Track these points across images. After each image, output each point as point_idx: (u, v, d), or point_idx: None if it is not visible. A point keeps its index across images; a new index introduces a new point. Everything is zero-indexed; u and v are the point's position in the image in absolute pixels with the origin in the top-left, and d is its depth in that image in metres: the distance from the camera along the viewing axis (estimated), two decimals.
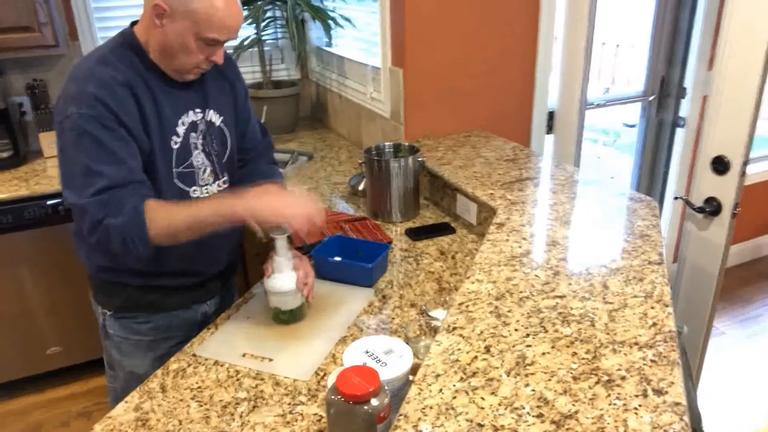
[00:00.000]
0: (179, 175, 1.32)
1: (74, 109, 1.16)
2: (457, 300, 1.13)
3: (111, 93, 1.18)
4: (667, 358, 0.94)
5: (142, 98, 1.23)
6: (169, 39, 1.21)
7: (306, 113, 3.20)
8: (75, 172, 1.19)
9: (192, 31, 1.19)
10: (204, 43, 1.22)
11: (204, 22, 1.18)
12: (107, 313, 1.44)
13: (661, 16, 2.72)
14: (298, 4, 2.59)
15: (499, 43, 2.23)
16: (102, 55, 1.24)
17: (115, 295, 1.42)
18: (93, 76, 1.19)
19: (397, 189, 1.81)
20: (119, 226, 1.17)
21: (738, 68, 1.66)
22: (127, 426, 1.05)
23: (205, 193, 1.38)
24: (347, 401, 0.87)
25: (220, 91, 1.41)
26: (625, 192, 1.67)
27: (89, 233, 1.20)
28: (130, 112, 1.21)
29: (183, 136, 1.32)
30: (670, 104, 2.87)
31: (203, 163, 1.37)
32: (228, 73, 1.45)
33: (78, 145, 1.17)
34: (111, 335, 1.46)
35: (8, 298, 2.35)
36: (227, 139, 1.44)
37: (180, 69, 1.27)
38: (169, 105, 1.29)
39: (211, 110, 1.38)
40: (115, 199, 1.17)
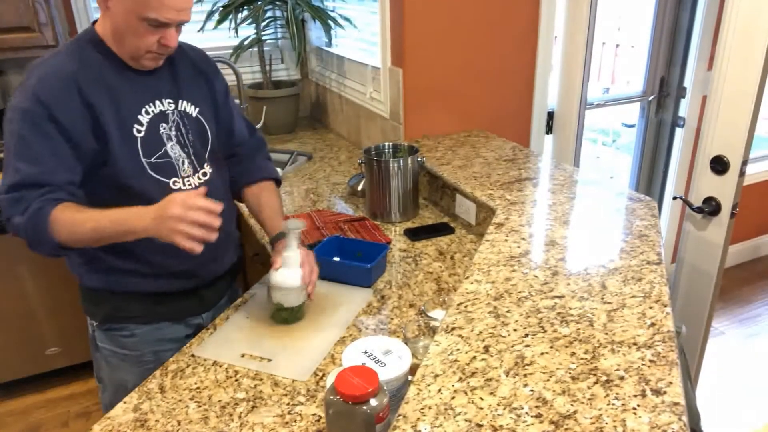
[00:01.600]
0: (153, 166, 1.29)
1: (15, 101, 1.18)
2: (456, 300, 1.13)
3: (48, 86, 1.17)
4: (666, 358, 0.94)
5: (92, 91, 1.21)
6: (116, 21, 1.20)
7: (306, 113, 3.20)
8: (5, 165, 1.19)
9: (134, 11, 1.17)
10: (149, 24, 1.18)
11: (143, 2, 1.15)
12: (95, 324, 1.41)
13: (661, 16, 2.72)
14: (298, 4, 2.59)
15: (499, 43, 2.23)
16: (57, 51, 1.25)
17: (101, 303, 1.38)
18: (37, 68, 1.20)
19: (396, 189, 1.81)
20: (22, 226, 1.16)
21: (738, 68, 1.66)
22: (126, 426, 1.05)
23: (188, 185, 1.34)
24: (346, 401, 0.87)
25: (194, 84, 1.39)
26: (624, 192, 1.67)
27: (7, 229, 1.21)
28: (69, 106, 1.18)
29: (147, 125, 1.28)
30: (670, 104, 2.87)
31: (180, 154, 1.33)
32: (204, 69, 1.42)
33: (9, 137, 1.18)
34: (100, 348, 1.42)
35: (8, 298, 2.35)
36: (207, 131, 1.40)
37: (133, 53, 1.24)
38: (131, 93, 1.26)
39: (184, 101, 1.35)
40: (23, 199, 1.16)
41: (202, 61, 1.43)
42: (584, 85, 2.39)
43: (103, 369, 1.44)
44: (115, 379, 1.42)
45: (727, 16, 1.66)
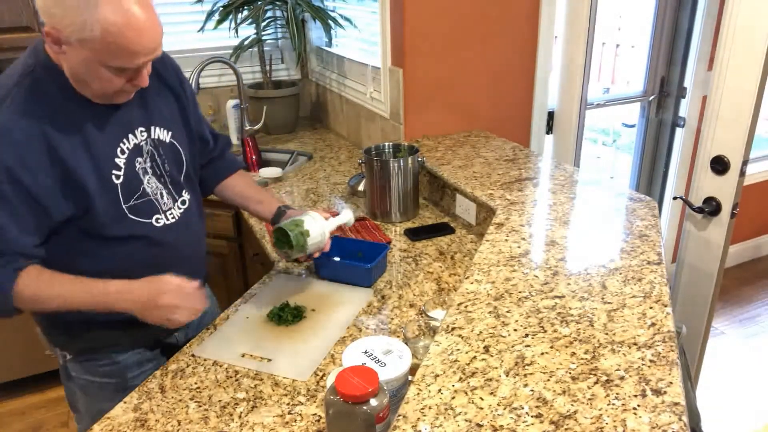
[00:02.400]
0: (133, 209, 1.19)
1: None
2: (456, 300, 1.13)
3: (8, 143, 1.02)
4: (666, 358, 0.94)
5: (61, 141, 1.07)
6: (75, 68, 1.04)
7: (306, 113, 3.20)
8: None
9: (96, 59, 1.01)
10: (115, 70, 1.04)
11: (104, 51, 1.00)
12: (69, 356, 1.31)
13: (661, 17, 2.72)
14: (299, 4, 2.59)
15: (500, 43, 2.23)
16: (8, 93, 1.06)
17: (76, 336, 1.28)
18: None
19: (396, 189, 1.81)
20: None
21: (738, 68, 1.66)
22: (125, 426, 1.05)
23: (171, 219, 1.26)
24: (346, 401, 0.87)
25: (163, 103, 1.26)
26: (624, 192, 1.67)
27: None
28: (31, 165, 1.04)
29: (126, 166, 1.17)
30: (670, 104, 2.87)
31: (156, 187, 1.23)
32: (168, 79, 1.29)
33: None
34: (74, 378, 1.33)
35: None
36: (181, 155, 1.30)
37: (100, 96, 1.10)
38: (102, 134, 1.13)
39: (156, 127, 1.24)
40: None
41: (167, 73, 1.29)
42: (584, 85, 2.39)
43: (79, 399, 1.37)
44: (94, 408, 1.32)
45: (727, 17, 1.66)
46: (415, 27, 2.06)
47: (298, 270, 1.58)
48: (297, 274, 1.56)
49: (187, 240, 1.33)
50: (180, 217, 1.29)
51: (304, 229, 1.32)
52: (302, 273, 1.56)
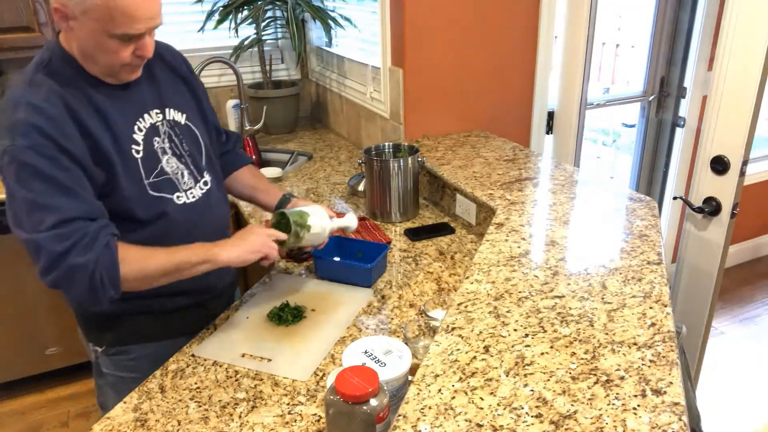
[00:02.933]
0: (153, 185, 1.22)
1: (7, 142, 1.05)
2: (456, 300, 1.13)
3: (46, 118, 1.07)
4: (666, 358, 0.94)
5: (85, 117, 1.12)
6: (82, 42, 1.10)
7: (306, 113, 3.20)
8: (21, 209, 1.06)
9: (100, 30, 1.06)
10: (120, 39, 1.09)
11: (107, 19, 1.05)
12: (99, 350, 1.34)
13: (661, 17, 2.72)
14: (299, 4, 2.59)
15: (499, 42, 2.23)
16: (31, 78, 1.11)
17: (109, 328, 1.31)
18: (23, 102, 1.07)
19: (396, 189, 1.81)
20: (87, 264, 1.05)
21: (738, 68, 1.66)
22: (125, 426, 1.05)
23: (191, 198, 1.28)
24: (346, 401, 0.87)
25: (175, 90, 1.32)
26: (624, 192, 1.67)
27: (45, 272, 1.06)
28: (70, 135, 1.09)
29: (144, 143, 1.21)
30: (670, 104, 2.87)
31: (177, 167, 1.27)
32: (181, 71, 1.35)
33: (18, 179, 1.05)
34: (105, 374, 1.36)
35: (8, 298, 2.35)
36: (198, 137, 1.34)
37: (108, 71, 1.15)
38: (119, 113, 1.18)
39: (171, 109, 1.28)
40: (78, 233, 1.05)
41: (177, 63, 1.35)
42: (584, 85, 2.39)
43: (110, 396, 1.38)
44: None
45: (727, 17, 1.66)
46: (415, 27, 2.06)
47: (298, 270, 1.58)
48: (297, 274, 1.56)
49: (210, 220, 1.35)
50: (201, 197, 1.31)
51: (307, 223, 1.33)
52: (302, 273, 1.56)
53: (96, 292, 1.07)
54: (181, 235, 1.26)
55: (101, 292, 1.07)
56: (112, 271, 1.08)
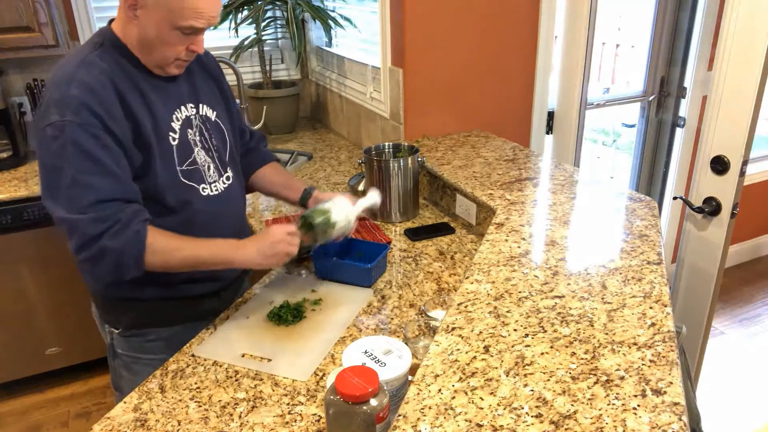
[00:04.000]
0: (184, 173, 1.28)
1: (56, 116, 1.09)
2: (456, 300, 1.13)
3: (96, 97, 1.12)
4: (666, 358, 0.94)
5: (130, 99, 1.17)
6: (145, 31, 1.16)
7: (306, 113, 3.20)
8: (60, 184, 1.11)
9: (167, 20, 1.13)
10: (181, 32, 1.16)
11: (178, 10, 1.12)
12: (115, 332, 1.38)
13: (661, 17, 2.72)
14: (299, 4, 2.59)
15: (499, 42, 2.23)
16: (84, 58, 1.16)
17: (126, 312, 1.36)
18: (76, 79, 1.12)
19: (396, 189, 1.81)
20: (117, 249, 1.12)
21: (738, 68, 1.66)
22: (125, 426, 1.05)
23: (214, 191, 1.34)
24: (346, 401, 0.87)
25: (208, 88, 1.39)
26: (624, 192, 1.67)
27: (78, 250, 1.13)
28: (117, 117, 1.14)
29: (180, 132, 1.27)
30: (670, 104, 2.87)
31: (205, 159, 1.33)
32: (212, 70, 1.42)
33: (62, 155, 1.09)
34: (120, 355, 1.40)
35: (8, 298, 2.35)
36: (225, 134, 1.40)
37: (161, 62, 1.21)
38: (160, 101, 1.24)
39: (204, 105, 1.35)
40: (112, 218, 1.11)
41: (210, 63, 1.43)
42: (584, 85, 2.39)
43: (124, 377, 1.42)
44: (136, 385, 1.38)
45: (727, 17, 1.66)
46: (415, 27, 2.06)
47: (298, 270, 1.58)
48: (297, 274, 1.56)
49: (229, 213, 1.41)
50: (223, 191, 1.37)
51: (331, 221, 1.36)
52: (302, 273, 1.56)
53: (120, 273, 1.16)
54: (202, 224, 1.31)
55: (125, 273, 1.16)
56: (138, 258, 1.15)
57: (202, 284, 1.39)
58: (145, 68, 1.23)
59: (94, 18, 2.64)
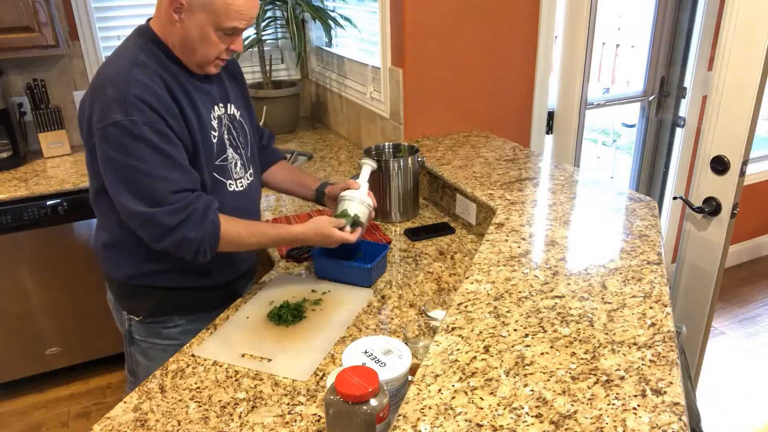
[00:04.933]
0: (217, 168, 1.33)
1: (120, 115, 1.14)
2: (456, 300, 1.13)
3: (155, 96, 1.18)
4: (666, 358, 0.94)
5: (179, 97, 1.23)
6: (189, 33, 1.20)
7: (306, 113, 3.20)
8: (132, 179, 1.17)
9: (211, 21, 1.19)
10: (224, 33, 1.21)
11: (222, 12, 1.18)
12: (134, 319, 1.43)
13: (661, 17, 2.72)
14: (299, 4, 2.59)
15: (499, 43, 2.23)
16: (135, 57, 1.21)
17: (145, 300, 1.41)
18: (133, 78, 1.17)
19: (396, 189, 1.81)
20: (196, 238, 1.21)
21: (738, 68, 1.66)
22: (126, 426, 1.05)
23: (240, 187, 1.39)
24: (346, 401, 0.87)
25: (233, 88, 1.44)
26: (624, 192, 1.67)
27: (156, 240, 1.21)
28: (174, 114, 1.21)
29: (218, 130, 1.33)
30: (670, 104, 2.87)
31: (233, 156, 1.38)
32: (234, 70, 1.47)
33: (132, 152, 1.16)
34: (137, 341, 1.45)
35: (8, 298, 2.35)
36: (248, 133, 1.45)
37: (202, 62, 1.26)
38: (201, 100, 1.29)
39: (231, 105, 1.40)
40: (188, 208, 1.20)
41: (231, 63, 1.47)
42: (584, 85, 2.39)
43: (140, 363, 1.47)
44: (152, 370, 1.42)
45: (727, 17, 1.66)
46: (415, 27, 2.06)
47: (298, 270, 1.58)
48: (297, 274, 1.56)
49: (251, 209, 1.48)
50: (246, 188, 1.43)
51: (357, 217, 1.45)
52: (302, 273, 1.56)
53: (197, 258, 1.25)
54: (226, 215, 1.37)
55: (202, 258, 1.25)
56: (214, 245, 1.25)
57: (218, 276, 1.45)
58: (185, 68, 1.27)
59: (94, 18, 2.64)
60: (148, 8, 2.72)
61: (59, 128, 2.59)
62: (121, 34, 2.72)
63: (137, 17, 2.71)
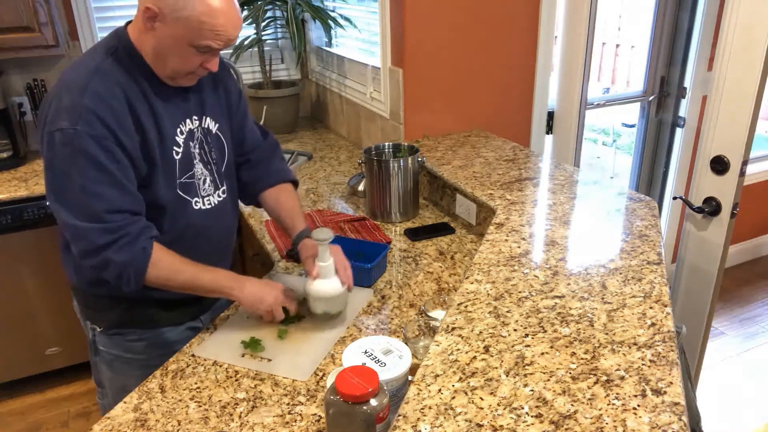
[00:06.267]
0: (181, 186, 1.28)
1: (67, 123, 1.09)
2: (456, 300, 1.13)
3: (109, 109, 1.12)
4: (666, 358, 0.94)
5: (140, 110, 1.18)
6: (161, 43, 1.15)
7: (306, 113, 3.20)
8: (68, 190, 1.13)
9: (184, 37, 1.13)
10: (197, 50, 1.16)
11: (196, 29, 1.12)
12: (97, 329, 1.39)
13: (661, 17, 2.72)
14: (299, 4, 2.60)
15: (499, 43, 2.23)
16: (97, 65, 1.16)
17: (107, 310, 1.36)
18: (89, 88, 1.12)
19: (396, 189, 1.81)
20: (122, 263, 1.14)
21: (737, 68, 1.66)
22: (126, 426, 1.05)
23: (207, 204, 1.33)
24: (346, 401, 0.87)
25: (215, 98, 1.37)
26: (624, 192, 1.67)
27: (83, 256, 1.16)
28: (128, 130, 1.15)
29: (183, 146, 1.27)
30: (670, 104, 2.87)
31: (202, 173, 1.32)
32: (221, 76, 1.39)
33: (72, 163, 1.11)
34: (101, 352, 1.41)
35: (8, 298, 2.35)
36: (225, 147, 1.38)
37: (172, 75, 1.21)
38: (167, 114, 1.23)
39: (207, 117, 1.33)
40: (120, 231, 1.14)
41: (224, 72, 1.40)
42: (584, 85, 2.39)
43: (104, 373, 1.44)
44: (117, 383, 1.42)
45: (727, 17, 1.66)
46: (415, 27, 2.06)
47: (298, 270, 1.58)
48: (297, 274, 1.56)
49: (220, 228, 1.41)
50: (216, 205, 1.36)
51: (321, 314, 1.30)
52: (302, 273, 1.56)
53: (120, 284, 1.18)
54: (191, 237, 1.32)
55: (125, 286, 1.18)
56: (141, 273, 1.17)
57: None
58: (155, 79, 1.21)
59: (94, 18, 2.64)
60: None
61: None
62: None
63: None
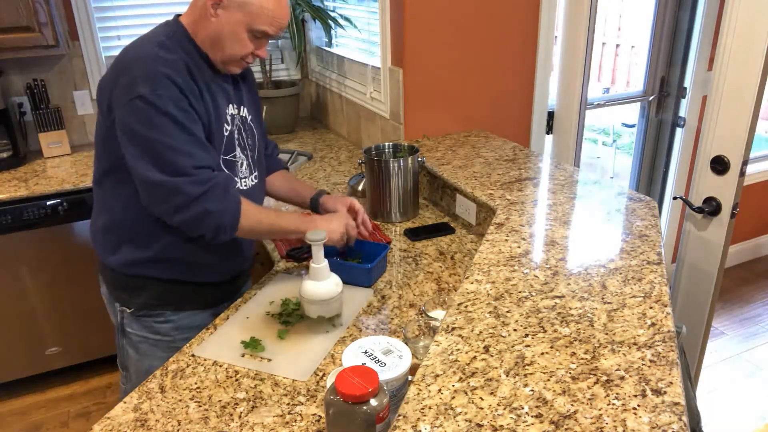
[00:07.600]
0: (225, 162, 1.35)
1: (146, 89, 1.16)
2: (456, 300, 1.13)
3: (180, 76, 1.20)
4: (666, 358, 0.94)
5: (200, 84, 1.26)
6: (221, 29, 1.24)
7: (306, 113, 3.20)
8: (155, 151, 1.18)
9: (244, 22, 1.23)
10: (254, 35, 1.26)
11: (257, 15, 1.23)
12: (126, 311, 1.42)
13: (661, 17, 2.72)
14: (299, 4, 2.59)
15: (499, 43, 2.23)
16: (161, 41, 1.24)
17: (139, 291, 1.40)
18: (160, 57, 1.20)
19: (396, 189, 1.81)
20: (218, 211, 1.22)
21: (738, 68, 1.66)
22: (126, 426, 1.05)
23: (244, 186, 1.41)
24: (346, 401, 0.87)
25: (247, 92, 1.46)
26: (624, 192, 1.67)
27: (178, 211, 1.21)
28: (196, 96, 1.24)
29: (230, 126, 1.36)
30: (670, 104, 2.87)
31: (240, 156, 1.40)
32: (250, 78, 1.50)
33: (154, 125, 1.17)
34: (129, 334, 1.45)
35: (8, 298, 2.35)
36: (256, 136, 1.47)
37: (227, 59, 1.29)
38: (217, 94, 1.32)
39: (244, 107, 1.43)
40: (211, 181, 1.21)
41: (249, 70, 1.49)
42: (584, 85, 2.39)
43: (130, 356, 1.47)
44: (142, 366, 1.45)
45: (727, 17, 1.66)
46: (415, 27, 2.06)
47: (298, 270, 1.58)
48: (297, 274, 1.56)
49: None
50: (250, 188, 1.44)
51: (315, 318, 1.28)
52: (302, 273, 1.56)
53: (218, 235, 1.25)
54: None
55: (222, 235, 1.26)
56: (235, 221, 1.26)
57: (218, 272, 1.46)
58: (208, 63, 1.30)
59: (94, 18, 2.64)
60: (149, 8, 2.72)
61: (59, 128, 2.59)
62: (121, 34, 2.72)
63: (137, 17, 2.72)
